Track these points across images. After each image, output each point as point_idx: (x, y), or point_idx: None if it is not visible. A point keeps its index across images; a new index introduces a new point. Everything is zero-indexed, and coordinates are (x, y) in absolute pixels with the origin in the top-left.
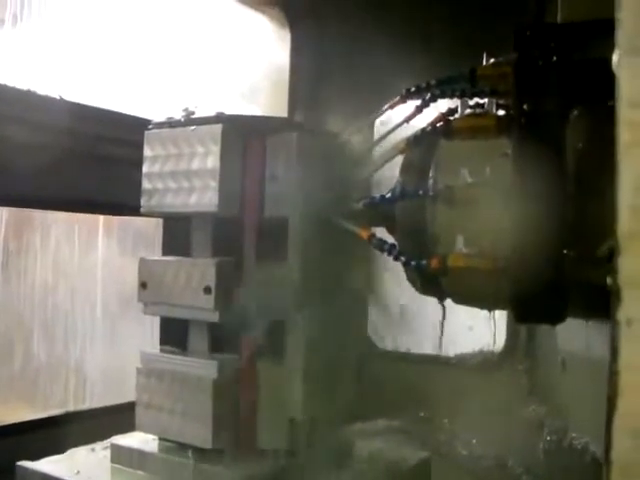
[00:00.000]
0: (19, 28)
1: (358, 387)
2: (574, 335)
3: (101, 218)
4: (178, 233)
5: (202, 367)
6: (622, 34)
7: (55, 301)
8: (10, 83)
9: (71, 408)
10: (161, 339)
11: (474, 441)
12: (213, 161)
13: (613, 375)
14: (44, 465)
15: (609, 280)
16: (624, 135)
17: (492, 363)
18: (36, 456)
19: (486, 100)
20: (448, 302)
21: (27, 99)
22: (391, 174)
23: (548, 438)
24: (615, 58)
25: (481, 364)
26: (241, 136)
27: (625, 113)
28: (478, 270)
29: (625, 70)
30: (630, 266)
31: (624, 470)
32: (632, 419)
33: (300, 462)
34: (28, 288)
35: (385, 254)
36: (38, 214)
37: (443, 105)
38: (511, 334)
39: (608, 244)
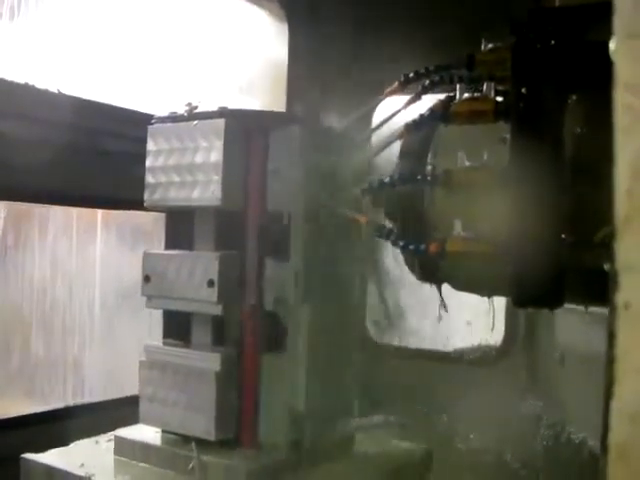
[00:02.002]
0: (16, 21)
1: (358, 381)
2: (573, 330)
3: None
4: (181, 227)
5: (205, 360)
6: (619, 18)
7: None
8: (8, 77)
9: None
10: (164, 332)
11: (472, 436)
12: (216, 155)
13: (611, 360)
14: (48, 457)
15: (606, 265)
16: (621, 119)
17: (491, 358)
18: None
19: (484, 86)
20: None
21: (25, 93)
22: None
23: (546, 433)
24: (612, 42)
25: (480, 359)
26: (244, 130)
27: (622, 97)
28: (476, 254)
29: (622, 54)
30: (627, 250)
31: (622, 454)
32: (630, 403)
33: (301, 455)
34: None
35: (383, 239)
36: (37, 209)
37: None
38: (510, 329)
39: (604, 230)
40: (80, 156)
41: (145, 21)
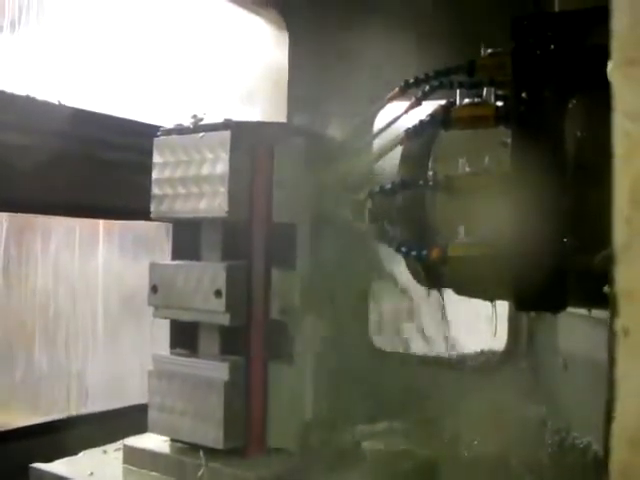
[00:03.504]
0: (17, 34)
1: (363, 389)
2: (575, 335)
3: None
4: (188, 238)
5: (213, 369)
6: (616, 44)
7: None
8: (9, 89)
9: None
10: (171, 342)
11: (476, 442)
12: (222, 167)
13: (611, 384)
14: (58, 467)
15: (606, 289)
16: (620, 146)
17: (493, 364)
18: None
19: (484, 91)
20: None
21: (26, 105)
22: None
23: (550, 438)
24: (609, 69)
25: (483, 365)
26: (249, 142)
27: (621, 124)
28: (478, 259)
29: (620, 81)
30: (626, 277)
31: (623, 476)
32: (630, 427)
33: (309, 462)
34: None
35: (386, 245)
36: (39, 219)
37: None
38: (512, 335)
39: (603, 253)
40: (81, 167)
41: (144, 33)
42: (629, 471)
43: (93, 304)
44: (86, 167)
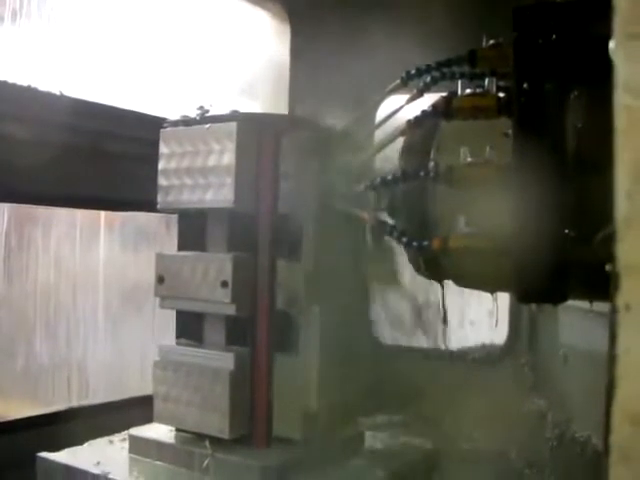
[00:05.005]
0: (18, 24)
1: (366, 381)
2: (576, 329)
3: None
4: (193, 229)
5: (219, 359)
6: (618, 20)
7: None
8: (10, 80)
9: None
10: (177, 332)
11: (476, 435)
12: (229, 158)
13: (612, 361)
14: (64, 456)
15: (608, 266)
16: (621, 120)
17: (494, 357)
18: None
19: (486, 81)
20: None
21: (28, 95)
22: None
23: (550, 432)
24: (612, 44)
25: (484, 358)
26: (255, 134)
27: (622, 98)
28: (479, 250)
29: (621, 55)
30: (628, 252)
31: (623, 454)
32: (631, 404)
33: (313, 451)
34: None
35: (387, 236)
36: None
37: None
38: (513, 328)
39: (605, 231)
40: (83, 158)
41: (147, 24)
42: (630, 450)
43: (94, 295)
44: (88, 158)
